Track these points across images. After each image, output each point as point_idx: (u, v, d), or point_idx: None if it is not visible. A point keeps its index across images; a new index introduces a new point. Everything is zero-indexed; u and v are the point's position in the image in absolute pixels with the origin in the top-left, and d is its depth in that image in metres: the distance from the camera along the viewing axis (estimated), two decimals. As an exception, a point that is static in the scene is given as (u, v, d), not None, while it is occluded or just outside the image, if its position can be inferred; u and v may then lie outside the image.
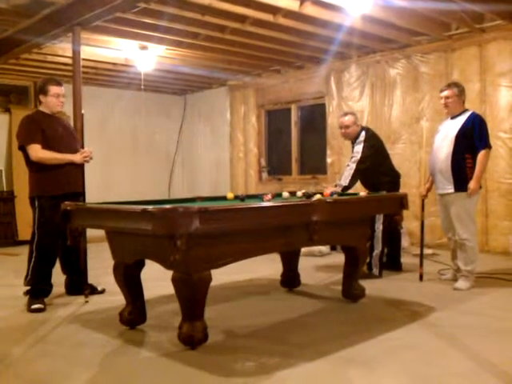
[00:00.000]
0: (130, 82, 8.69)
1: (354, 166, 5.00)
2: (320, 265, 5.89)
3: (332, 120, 7.99)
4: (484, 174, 4.85)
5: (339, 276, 4.33)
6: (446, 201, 4.68)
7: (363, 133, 5.16)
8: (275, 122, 9.28)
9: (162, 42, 6.59)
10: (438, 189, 4.78)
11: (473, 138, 4.53)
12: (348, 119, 5.22)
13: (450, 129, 4.69)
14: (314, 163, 8.55)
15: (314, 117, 8.57)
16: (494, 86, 6.33)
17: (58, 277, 4.51)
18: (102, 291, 4.64)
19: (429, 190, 4.96)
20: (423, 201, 5.03)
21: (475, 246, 4.65)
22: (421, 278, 4.93)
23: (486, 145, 4.54)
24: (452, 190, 4.60)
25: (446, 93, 4.73)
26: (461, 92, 4.71)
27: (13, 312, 4.10)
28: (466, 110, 4.71)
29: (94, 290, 4.56)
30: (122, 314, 3.57)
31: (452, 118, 4.75)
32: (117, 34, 6.17)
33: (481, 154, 4.50)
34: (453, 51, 6.67)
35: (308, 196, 4.08)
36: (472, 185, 4.49)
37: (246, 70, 8.63)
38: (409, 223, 6.71)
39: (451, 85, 4.80)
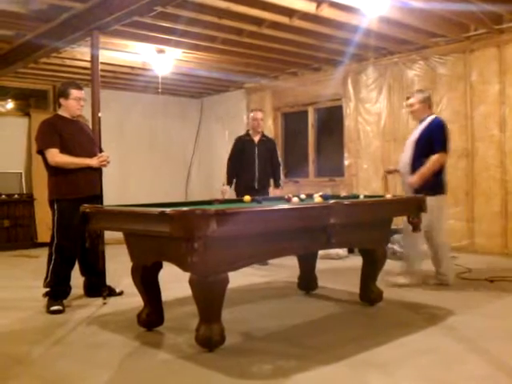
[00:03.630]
0: (147, 85, 8.74)
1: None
2: (337, 268, 5.86)
3: (349, 122, 7.97)
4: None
5: (356, 279, 4.30)
6: None
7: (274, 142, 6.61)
8: (292, 124, 9.27)
9: (179, 45, 6.63)
10: (406, 192, 4.85)
11: (432, 143, 4.59)
12: (262, 114, 6.49)
13: (413, 134, 4.82)
14: (331, 165, 8.52)
15: (331, 119, 8.54)
16: (513, 88, 6.26)
17: (77, 279, 4.56)
18: (120, 293, 4.66)
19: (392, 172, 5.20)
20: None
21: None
22: (439, 281, 4.89)
23: (441, 148, 4.56)
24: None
25: (409, 100, 4.90)
26: (425, 99, 4.81)
27: (32, 313, 4.14)
28: (429, 116, 4.77)
29: (112, 292, 4.59)
30: (140, 315, 3.59)
31: (420, 123, 4.83)
32: (134, 37, 6.23)
33: (433, 156, 4.55)
34: (471, 52, 6.60)
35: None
36: (412, 178, 4.57)
37: (262, 73, 8.64)
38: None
39: (415, 92, 4.97)
